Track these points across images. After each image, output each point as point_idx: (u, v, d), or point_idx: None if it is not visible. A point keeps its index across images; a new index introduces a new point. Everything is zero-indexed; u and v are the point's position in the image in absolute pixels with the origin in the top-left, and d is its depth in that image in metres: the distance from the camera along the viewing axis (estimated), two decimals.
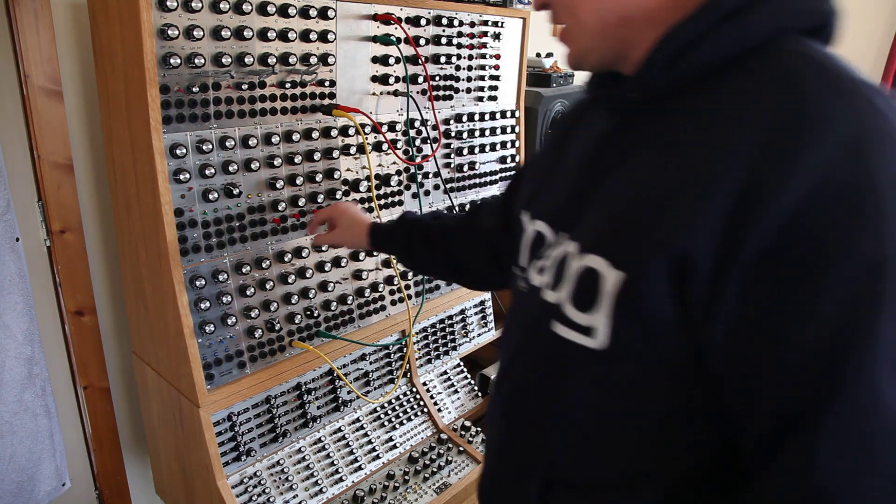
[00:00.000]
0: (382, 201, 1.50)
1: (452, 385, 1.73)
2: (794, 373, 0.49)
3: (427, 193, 1.62)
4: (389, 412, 1.56)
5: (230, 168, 1.17)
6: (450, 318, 1.74)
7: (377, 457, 1.47)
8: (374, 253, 1.48)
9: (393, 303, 1.56)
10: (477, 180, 1.75)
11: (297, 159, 1.28)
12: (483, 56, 1.67)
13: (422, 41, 1.47)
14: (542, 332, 0.67)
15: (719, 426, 0.59)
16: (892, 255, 0.46)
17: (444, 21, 1.52)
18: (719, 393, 0.57)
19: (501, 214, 0.99)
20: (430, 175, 1.62)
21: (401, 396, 1.60)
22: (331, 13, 1.26)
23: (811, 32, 0.56)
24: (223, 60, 1.10)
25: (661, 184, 0.56)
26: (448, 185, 1.67)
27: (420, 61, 1.48)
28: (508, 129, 1.80)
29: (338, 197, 1.38)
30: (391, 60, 1.41)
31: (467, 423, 1.63)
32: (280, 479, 1.31)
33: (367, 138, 1.41)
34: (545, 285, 0.68)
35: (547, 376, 0.69)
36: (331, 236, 1.27)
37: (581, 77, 2.47)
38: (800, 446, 0.49)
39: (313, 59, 1.26)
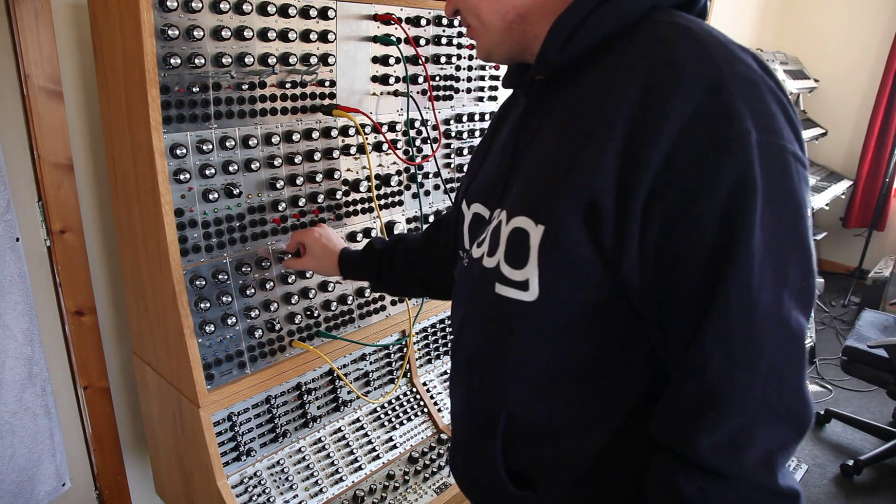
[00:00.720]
0: (382, 201, 1.50)
1: None
2: (689, 288, 0.57)
3: (427, 193, 1.62)
4: (389, 412, 1.56)
5: (230, 168, 1.17)
6: (450, 318, 1.74)
7: (377, 457, 1.47)
8: None
9: (393, 303, 1.56)
10: None
11: (298, 159, 1.28)
12: None
13: (422, 41, 1.47)
14: (486, 295, 0.72)
15: (652, 363, 0.66)
16: (756, 173, 0.54)
17: (445, 21, 1.52)
18: (645, 329, 0.64)
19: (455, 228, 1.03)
20: (431, 175, 1.62)
21: (401, 396, 1.60)
22: (331, 13, 1.26)
23: (682, 6, 0.66)
24: (223, 60, 1.10)
25: (566, 148, 0.64)
26: (448, 186, 1.67)
27: (420, 61, 1.48)
28: None
29: (338, 197, 1.38)
30: (391, 60, 1.41)
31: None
32: (280, 479, 1.31)
33: (367, 138, 1.41)
34: (484, 254, 0.74)
35: (495, 335, 0.74)
36: (300, 262, 1.26)
37: None
38: (695, 350, 0.58)
39: (313, 60, 1.26)
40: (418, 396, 1.62)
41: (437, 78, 1.56)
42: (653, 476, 0.64)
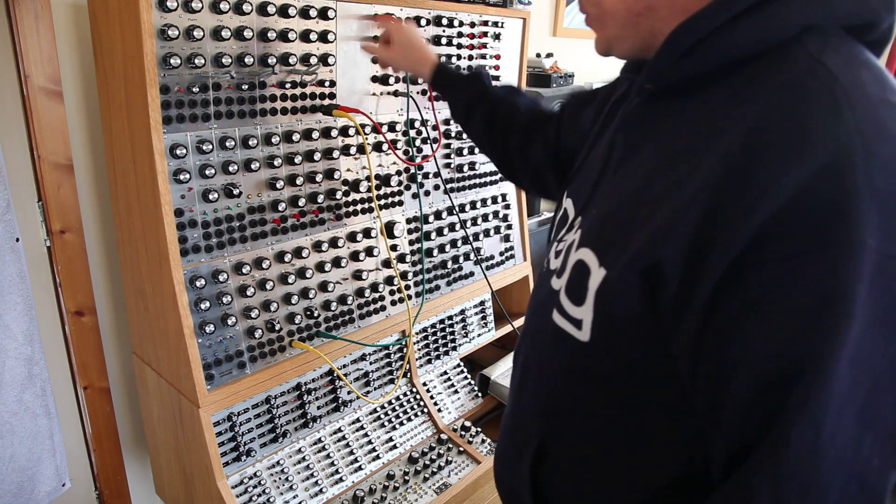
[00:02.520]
0: (382, 201, 1.50)
1: (452, 385, 1.73)
2: (746, 405, 0.48)
3: (427, 194, 1.62)
4: (389, 412, 1.56)
5: (230, 168, 1.17)
6: (450, 318, 1.74)
7: (377, 457, 1.47)
8: (375, 253, 1.49)
9: (393, 303, 1.56)
10: (477, 180, 1.75)
11: (298, 159, 1.28)
12: (483, 56, 1.67)
13: None
14: (546, 318, 0.69)
15: (695, 443, 0.57)
16: (855, 293, 0.43)
17: (445, 21, 1.52)
18: (692, 400, 0.55)
19: (555, 135, 1.05)
20: (431, 175, 1.62)
21: (401, 397, 1.60)
22: (331, 13, 1.26)
23: (857, 30, 0.52)
24: (223, 61, 1.11)
25: (651, 189, 0.55)
26: (448, 186, 1.67)
27: None
28: None
29: (338, 197, 1.38)
30: None
31: (467, 424, 1.63)
32: (280, 479, 1.31)
33: (367, 139, 1.41)
34: (555, 271, 0.69)
35: (545, 360, 0.71)
36: (387, 53, 1.23)
37: (581, 77, 2.47)
38: (741, 482, 0.48)
39: (313, 60, 1.26)
40: (418, 396, 1.62)
41: None
42: None
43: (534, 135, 1.09)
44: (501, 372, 1.84)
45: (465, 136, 1.67)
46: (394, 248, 1.54)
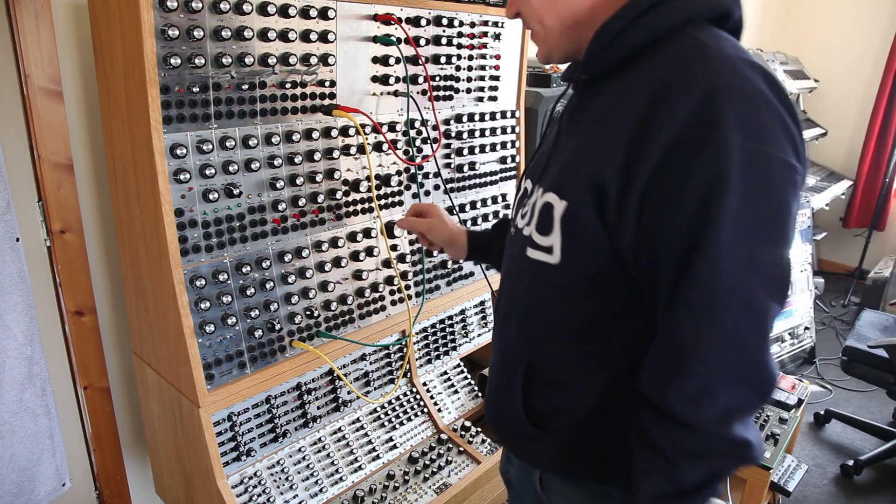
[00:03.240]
0: (382, 201, 1.50)
1: (452, 385, 1.73)
2: (669, 263, 0.68)
3: (427, 194, 1.62)
4: (389, 412, 1.56)
5: (230, 168, 1.17)
6: (450, 318, 1.74)
7: (377, 457, 1.47)
8: (375, 253, 1.49)
9: (393, 303, 1.56)
10: (477, 180, 1.75)
11: (298, 159, 1.28)
12: (483, 56, 1.67)
13: (422, 41, 1.47)
14: (522, 258, 0.85)
15: (648, 332, 0.74)
16: (731, 174, 0.63)
17: (445, 21, 1.52)
18: (641, 300, 0.75)
19: None
20: (431, 175, 1.62)
21: (401, 397, 1.60)
22: (331, 13, 1.26)
23: (719, 21, 0.73)
24: (223, 60, 1.10)
25: (592, 139, 0.75)
26: (448, 186, 1.67)
27: (420, 61, 1.48)
28: (508, 130, 1.80)
29: (338, 197, 1.38)
30: (391, 61, 1.41)
31: (467, 424, 1.63)
32: (280, 479, 1.31)
33: (367, 138, 1.41)
34: (525, 224, 0.86)
35: (524, 292, 0.87)
36: (429, 235, 1.22)
37: None
38: (671, 314, 0.69)
39: (314, 60, 1.26)
40: (418, 396, 1.62)
41: (437, 78, 1.56)
42: (636, 424, 0.76)
43: None
44: None
45: (465, 135, 1.67)
46: (394, 248, 1.54)
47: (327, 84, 1.31)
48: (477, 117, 1.68)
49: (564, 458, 0.86)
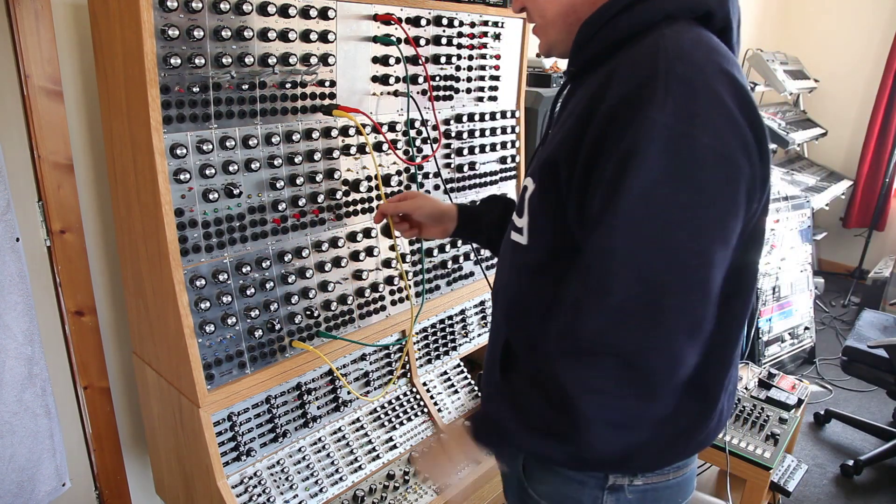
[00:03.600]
0: (383, 201, 1.50)
1: (452, 385, 1.73)
2: (587, 229, 0.70)
3: (427, 193, 1.62)
4: (389, 412, 1.56)
5: (230, 168, 1.17)
6: (450, 318, 1.74)
7: (377, 457, 1.47)
8: (375, 253, 1.49)
9: (393, 303, 1.56)
10: (477, 180, 1.75)
11: (298, 159, 1.28)
12: (483, 56, 1.67)
13: (422, 41, 1.47)
14: (507, 242, 0.90)
15: None
16: (646, 152, 0.64)
17: (445, 21, 1.52)
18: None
19: None
20: (431, 175, 1.62)
21: (401, 397, 1.60)
22: (331, 13, 1.26)
23: (702, 20, 0.74)
24: (223, 60, 1.10)
25: (563, 125, 0.77)
26: (448, 186, 1.67)
27: (420, 61, 1.48)
28: (508, 130, 1.80)
29: (338, 197, 1.38)
30: (391, 61, 1.41)
31: (467, 424, 1.63)
32: (280, 479, 1.31)
33: (368, 138, 1.41)
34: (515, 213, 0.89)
35: (506, 274, 0.92)
36: (416, 214, 1.20)
37: None
38: (574, 277, 0.73)
39: (314, 60, 1.26)
40: (418, 396, 1.62)
41: (437, 78, 1.56)
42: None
43: None
44: None
45: (465, 135, 1.67)
46: (393, 248, 1.54)
47: (327, 84, 1.31)
48: (477, 117, 1.68)
49: None
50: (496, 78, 1.73)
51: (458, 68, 1.60)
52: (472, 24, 1.61)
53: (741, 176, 0.67)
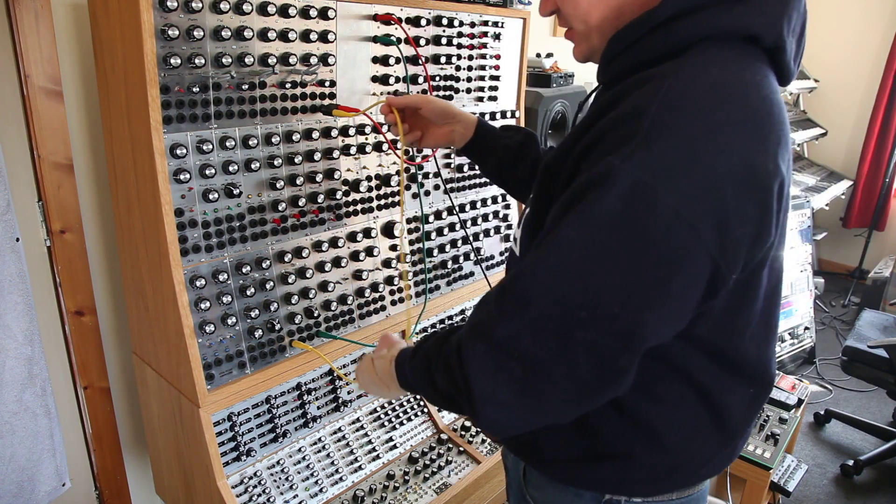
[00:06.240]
0: (382, 201, 1.50)
1: None
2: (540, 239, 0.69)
3: (427, 194, 1.62)
4: (389, 412, 1.56)
5: (230, 168, 1.17)
6: (450, 318, 1.74)
7: (377, 457, 1.47)
8: (375, 253, 1.49)
9: (393, 303, 1.56)
10: (477, 180, 1.75)
11: (298, 159, 1.28)
12: (483, 56, 1.67)
13: (422, 41, 1.47)
14: (510, 252, 0.90)
15: None
16: (596, 195, 0.61)
17: (445, 21, 1.52)
18: None
19: None
20: (431, 175, 1.62)
21: (401, 396, 1.60)
22: (331, 13, 1.26)
23: (751, 40, 0.67)
24: (223, 60, 1.10)
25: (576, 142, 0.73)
26: (448, 186, 1.67)
27: (420, 61, 1.48)
28: None
29: (338, 197, 1.38)
30: (391, 60, 1.41)
31: (467, 424, 1.63)
32: (280, 479, 1.31)
33: (375, 137, 1.41)
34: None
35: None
36: (425, 108, 1.15)
37: (581, 77, 2.47)
38: (506, 278, 0.73)
39: (313, 60, 1.26)
40: (418, 396, 1.62)
41: (437, 78, 1.56)
42: None
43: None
44: None
45: None
46: (394, 248, 1.54)
47: (327, 84, 1.31)
48: None
49: (537, 455, 0.88)
50: (496, 78, 1.73)
51: (458, 68, 1.60)
52: (472, 24, 1.61)
53: (700, 244, 0.61)
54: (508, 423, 0.73)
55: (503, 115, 1.78)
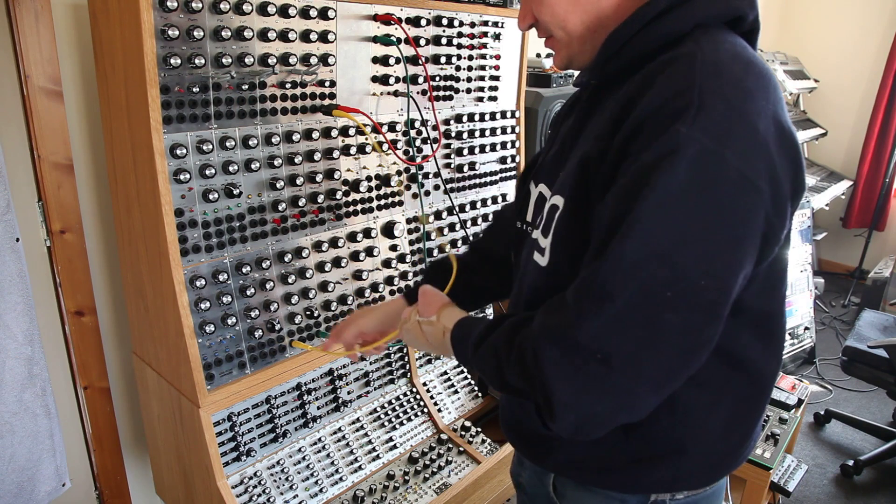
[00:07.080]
0: (382, 201, 1.50)
1: (453, 385, 1.73)
2: (604, 228, 0.68)
3: (427, 194, 1.62)
4: (389, 412, 1.56)
5: (230, 168, 1.17)
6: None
7: (377, 457, 1.47)
8: (375, 253, 1.49)
9: None
10: (477, 180, 1.75)
11: (298, 159, 1.28)
12: (483, 56, 1.67)
13: (422, 41, 1.47)
14: (528, 261, 0.85)
15: None
16: (671, 166, 0.62)
17: (445, 21, 1.52)
18: None
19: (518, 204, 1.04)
20: (431, 175, 1.62)
21: (401, 397, 1.60)
22: (331, 13, 1.26)
23: (733, 24, 0.73)
24: (223, 61, 1.10)
25: (593, 136, 0.74)
26: (448, 186, 1.67)
27: (420, 62, 1.48)
28: (508, 130, 1.80)
29: (338, 197, 1.38)
30: (391, 61, 1.41)
31: (467, 424, 1.63)
32: (280, 479, 1.31)
33: (375, 137, 1.41)
34: (535, 228, 0.85)
35: (525, 297, 0.86)
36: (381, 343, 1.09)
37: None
38: (578, 281, 0.69)
39: (314, 60, 1.26)
40: (418, 396, 1.62)
41: (437, 78, 1.56)
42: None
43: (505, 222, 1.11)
44: None
45: (465, 135, 1.67)
46: (394, 248, 1.54)
47: (327, 84, 1.31)
48: (477, 117, 1.68)
49: (580, 464, 0.85)
50: (496, 78, 1.72)
51: (458, 68, 1.60)
52: (472, 25, 1.61)
53: (761, 203, 0.65)
54: (588, 429, 0.70)
55: (503, 114, 1.78)
